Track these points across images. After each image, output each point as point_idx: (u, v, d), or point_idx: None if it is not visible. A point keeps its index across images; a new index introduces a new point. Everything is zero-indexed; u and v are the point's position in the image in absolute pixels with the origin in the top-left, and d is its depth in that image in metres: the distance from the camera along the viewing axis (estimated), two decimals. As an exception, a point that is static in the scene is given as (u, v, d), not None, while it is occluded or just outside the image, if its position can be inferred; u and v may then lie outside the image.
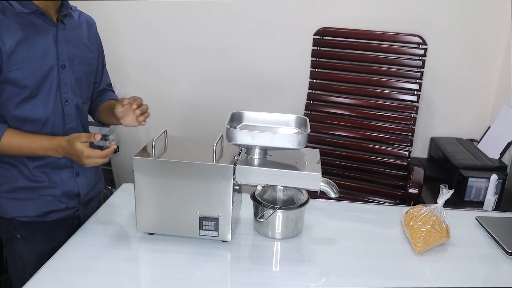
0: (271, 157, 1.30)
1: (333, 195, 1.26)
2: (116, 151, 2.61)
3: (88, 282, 1.12)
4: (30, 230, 1.36)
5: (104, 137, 2.58)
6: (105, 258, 1.22)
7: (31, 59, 1.23)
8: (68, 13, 1.34)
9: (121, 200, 1.54)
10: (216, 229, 1.26)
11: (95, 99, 1.55)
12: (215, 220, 1.25)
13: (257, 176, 1.24)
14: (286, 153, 1.31)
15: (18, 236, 1.35)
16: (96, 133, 1.23)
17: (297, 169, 1.24)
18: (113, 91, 1.63)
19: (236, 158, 1.26)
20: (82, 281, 1.13)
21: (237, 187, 1.26)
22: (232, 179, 1.22)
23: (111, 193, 1.58)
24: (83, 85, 1.41)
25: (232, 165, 1.21)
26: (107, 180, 2.70)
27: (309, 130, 1.26)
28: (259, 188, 1.28)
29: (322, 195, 1.29)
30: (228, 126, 1.24)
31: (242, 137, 1.23)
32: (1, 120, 1.27)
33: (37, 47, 1.25)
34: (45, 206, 1.36)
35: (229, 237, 1.27)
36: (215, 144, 1.24)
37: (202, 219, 1.25)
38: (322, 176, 1.23)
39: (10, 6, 1.22)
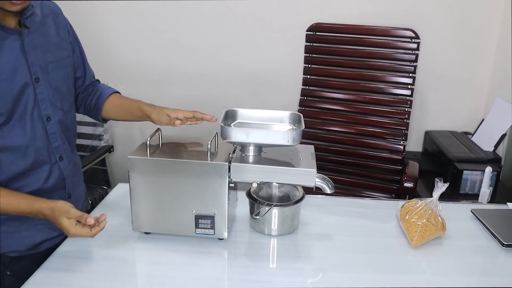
0: (266, 154, 1.29)
1: (328, 191, 1.26)
2: (110, 150, 2.60)
3: (85, 282, 1.12)
4: (22, 265, 1.24)
5: (98, 137, 2.57)
6: (101, 258, 1.22)
7: (1, 81, 1.10)
8: (32, 13, 1.18)
9: (116, 200, 1.54)
10: (212, 227, 1.25)
11: (87, 96, 1.44)
12: (211, 218, 1.24)
13: (252, 173, 1.24)
14: (281, 150, 1.31)
15: (8, 273, 1.24)
16: (89, 216, 1.11)
17: (292, 166, 1.24)
18: (100, 82, 1.52)
19: (231, 156, 1.26)
20: (79, 282, 1.12)
21: (232, 185, 1.26)
22: (227, 177, 1.22)
23: (106, 193, 1.57)
24: (62, 93, 1.28)
25: (227, 163, 1.21)
26: (102, 180, 2.70)
27: (304, 126, 1.26)
28: (255, 185, 1.28)
29: (317, 191, 1.29)
30: (222, 124, 1.24)
31: (237, 134, 1.22)
32: None
33: (3, 66, 1.10)
34: (37, 237, 1.26)
35: (225, 234, 1.26)
36: (209, 142, 1.24)
37: (198, 217, 1.25)
38: (317, 172, 1.23)
39: None
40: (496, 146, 2.28)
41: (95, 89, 1.46)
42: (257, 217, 1.31)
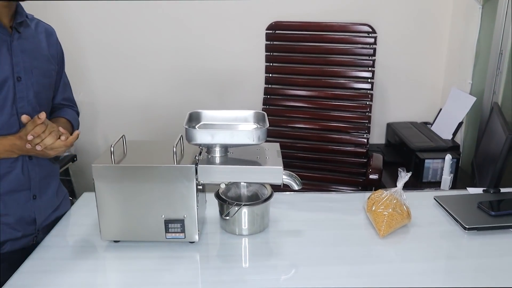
0: (232, 154, 1.29)
1: (296, 187, 1.27)
2: (73, 160, 2.54)
3: (54, 297, 1.09)
4: None
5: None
6: (70, 270, 1.19)
7: None
8: (23, 21, 1.26)
9: (82, 210, 1.50)
10: (183, 231, 1.24)
11: (50, 115, 1.45)
12: (181, 221, 1.24)
13: (220, 174, 1.24)
14: (247, 149, 1.31)
15: None
16: (40, 112, 1.18)
17: (259, 164, 1.24)
18: (71, 108, 1.52)
19: (197, 158, 1.25)
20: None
21: (200, 187, 1.25)
22: (195, 179, 1.21)
23: (72, 203, 1.54)
24: (42, 99, 1.32)
25: (194, 165, 1.21)
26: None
27: (268, 125, 1.26)
28: (223, 186, 1.28)
29: (285, 188, 1.30)
30: (186, 127, 1.23)
31: (202, 136, 1.22)
32: None
33: None
34: None
35: (196, 237, 1.26)
36: (175, 146, 1.23)
37: (167, 222, 1.24)
38: (284, 169, 1.24)
39: None
40: (454, 134, 2.36)
41: (58, 110, 1.46)
42: (227, 217, 1.31)
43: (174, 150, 1.22)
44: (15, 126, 1.24)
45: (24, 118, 1.19)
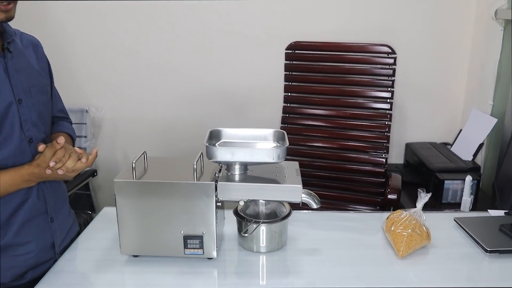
0: (252, 172, 1.31)
1: (314, 206, 1.27)
2: (94, 175, 2.58)
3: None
4: None
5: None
6: (89, 284, 1.21)
7: None
8: (13, 39, 1.21)
9: (102, 225, 1.53)
10: (201, 247, 1.26)
11: None
12: (200, 238, 1.25)
13: (239, 191, 1.25)
14: (266, 167, 1.33)
15: None
16: (59, 137, 1.16)
17: (278, 183, 1.26)
18: (66, 120, 1.50)
19: (217, 175, 1.27)
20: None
21: (219, 204, 1.27)
22: (214, 196, 1.22)
23: (91, 218, 1.56)
24: (45, 117, 1.29)
25: (214, 183, 1.22)
26: (86, 204, 2.67)
27: (287, 143, 1.28)
28: (241, 203, 1.29)
29: (304, 206, 1.31)
30: (207, 144, 1.25)
31: (222, 154, 1.24)
32: None
33: None
34: (20, 267, 1.23)
35: (214, 254, 1.27)
36: (195, 163, 1.25)
37: (186, 238, 1.25)
38: (303, 188, 1.25)
39: None
40: (475, 155, 2.33)
41: (55, 124, 1.43)
42: (246, 234, 1.32)
43: (195, 167, 1.24)
44: (26, 151, 1.21)
45: (42, 147, 1.16)
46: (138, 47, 2.64)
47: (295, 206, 1.39)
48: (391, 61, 2.33)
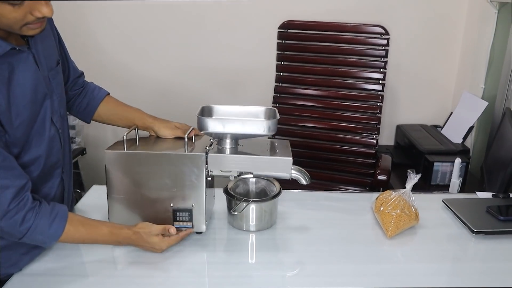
0: (242, 147, 1.31)
1: (304, 182, 1.28)
2: (83, 153, 2.57)
3: (66, 286, 1.11)
4: None
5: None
6: (80, 260, 1.21)
7: (25, 104, 1.05)
8: None
9: (92, 202, 1.52)
10: (190, 220, 1.26)
11: (77, 95, 1.38)
12: (189, 211, 1.25)
13: (230, 163, 1.26)
14: (257, 144, 1.33)
15: None
16: (171, 227, 1.21)
17: (268, 155, 1.26)
18: (86, 80, 1.44)
19: (207, 148, 1.27)
20: (61, 286, 1.11)
21: (209, 179, 1.27)
22: (205, 168, 1.23)
23: (80, 197, 1.56)
24: (63, 99, 1.24)
25: (204, 154, 1.23)
26: (75, 183, 2.66)
27: (278, 117, 1.28)
28: (232, 178, 1.29)
29: (293, 185, 1.31)
30: (199, 116, 1.25)
31: (213, 125, 1.24)
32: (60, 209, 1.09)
33: (24, 88, 1.04)
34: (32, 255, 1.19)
35: (203, 227, 1.27)
36: (186, 135, 1.26)
37: (176, 211, 1.25)
38: (293, 165, 1.25)
39: None
40: (465, 138, 2.35)
41: (86, 89, 1.41)
42: (235, 213, 1.32)
43: (186, 139, 1.25)
44: (56, 142, 1.18)
45: (173, 230, 1.21)
46: (131, 24, 2.59)
47: (285, 186, 1.39)
48: (384, 42, 2.32)
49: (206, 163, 1.23)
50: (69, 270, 1.16)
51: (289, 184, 1.33)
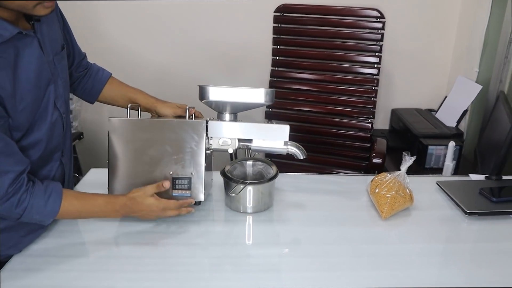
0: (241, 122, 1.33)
1: (301, 157, 1.31)
2: (80, 137, 2.56)
3: (71, 267, 1.12)
4: None
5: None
6: (80, 236, 1.22)
7: (29, 88, 1.05)
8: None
9: (90, 185, 1.52)
10: (189, 188, 1.28)
11: (82, 77, 1.40)
12: (188, 179, 1.27)
13: (229, 130, 1.29)
14: (255, 120, 1.36)
15: None
16: (164, 181, 1.22)
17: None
18: (89, 62, 1.46)
19: (208, 119, 1.30)
20: (61, 266, 1.12)
21: (209, 152, 1.29)
22: (205, 135, 1.26)
23: (78, 181, 1.56)
24: (67, 83, 1.24)
25: (205, 121, 1.26)
26: (73, 167, 2.65)
27: (274, 90, 1.32)
28: (230, 151, 1.31)
29: (290, 168, 1.32)
30: (200, 85, 1.28)
31: (214, 93, 1.26)
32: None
33: (28, 73, 1.04)
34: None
35: (201, 196, 1.29)
36: (187, 107, 1.29)
37: (175, 179, 1.27)
38: (290, 141, 1.30)
39: None
40: (458, 121, 2.37)
41: (90, 70, 1.43)
42: (232, 194, 1.33)
43: (187, 109, 1.28)
44: (58, 125, 1.18)
45: (167, 184, 1.22)
46: (129, 7, 2.57)
47: (281, 169, 1.40)
48: (380, 25, 2.32)
49: (207, 131, 1.26)
50: (69, 251, 1.17)
51: (286, 167, 1.34)
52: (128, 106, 1.33)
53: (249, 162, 1.44)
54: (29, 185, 1.05)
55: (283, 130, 1.30)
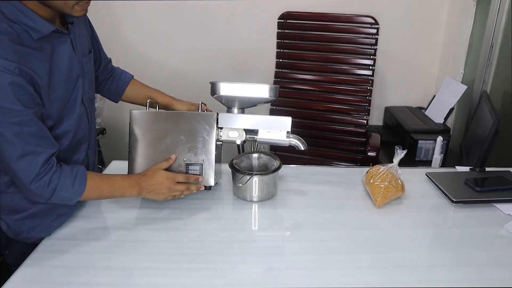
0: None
1: (302, 148, 1.31)
2: (103, 132, 2.57)
3: (94, 249, 1.12)
4: None
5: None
6: (102, 226, 1.22)
7: (61, 81, 1.06)
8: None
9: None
10: (201, 174, 1.29)
11: (108, 79, 1.42)
12: (200, 165, 1.28)
13: (237, 121, 1.31)
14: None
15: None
16: (172, 156, 1.25)
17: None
18: (114, 66, 1.47)
19: (218, 113, 1.31)
20: (85, 248, 1.12)
21: (219, 143, 1.30)
22: (215, 126, 1.27)
23: (101, 171, 1.56)
24: (93, 84, 1.26)
25: (216, 113, 1.29)
26: (97, 160, 2.66)
27: (279, 86, 1.34)
28: (238, 142, 1.31)
29: (292, 160, 1.31)
30: (211, 82, 1.30)
31: (224, 88, 1.29)
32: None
33: (61, 69, 1.06)
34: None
35: (212, 181, 1.29)
36: (200, 103, 1.32)
37: (188, 165, 1.28)
38: (292, 133, 1.31)
39: (25, 32, 0.97)
40: (446, 118, 2.34)
41: (114, 73, 1.45)
42: (240, 184, 1.32)
43: (200, 104, 1.31)
44: (84, 121, 1.18)
45: (174, 156, 1.26)
46: (138, 9, 2.56)
47: (284, 161, 1.39)
48: (374, 31, 2.29)
49: (217, 122, 1.28)
50: (92, 235, 1.17)
51: (289, 160, 1.33)
52: (148, 101, 1.33)
53: (255, 155, 1.43)
54: (57, 166, 1.05)
55: (285, 121, 1.31)
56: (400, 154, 1.33)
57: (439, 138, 1.89)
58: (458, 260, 1.10)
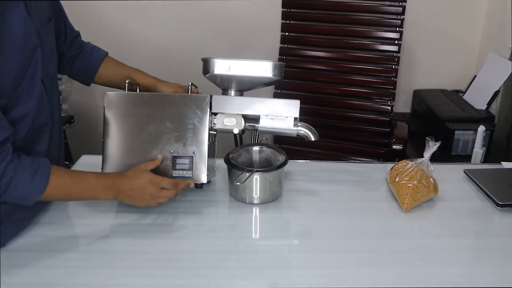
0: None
1: (312, 138, 1.31)
2: (70, 121, 2.56)
3: (60, 263, 1.12)
4: None
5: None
6: (69, 235, 1.22)
7: (14, 51, 1.04)
8: None
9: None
10: (191, 168, 1.27)
11: (75, 56, 1.41)
12: (190, 158, 1.27)
13: (235, 105, 1.29)
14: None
15: None
16: (159, 156, 1.25)
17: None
18: (83, 41, 1.46)
19: (211, 95, 1.29)
20: (49, 262, 1.12)
21: (213, 132, 1.29)
22: (209, 112, 1.26)
23: (68, 168, 1.56)
24: (53, 58, 1.24)
25: (209, 95, 1.26)
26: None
27: (284, 64, 1.32)
28: (236, 131, 1.30)
29: (300, 155, 1.31)
30: (203, 58, 1.28)
31: (219, 66, 1.26)
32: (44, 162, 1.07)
33: (13, 35, 1.03)
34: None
35: (204, 178, 1.28)
36: (190, 83, 1.29)
37: (176, 158, 1.27)
38: (300, 122, 1.29)
39: None
40: (489, 104, 2.33)
41: (84, 49, 1.43)
42: (237, 183, 1.31)
43: (190, 84, 1.29)
44: (45, 105, 1.16)
45: (161, 157, 1.26)
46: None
47: (292, 156, 1.39)
48: (401, -3, 2.28)
49: (211, 107, 1.26)
50: (58, 245, 1.16)
51: (296, 154, 1.32)
52: (127, 82, 1.33)
53: (256, 148, 1.43)
54: (14, 156, 1.03)
55: (292, 106, 1.29)
56: (432, 147, 1.32)
57: (481, 128, 1.89)
58: (505, 277, 1.09)
